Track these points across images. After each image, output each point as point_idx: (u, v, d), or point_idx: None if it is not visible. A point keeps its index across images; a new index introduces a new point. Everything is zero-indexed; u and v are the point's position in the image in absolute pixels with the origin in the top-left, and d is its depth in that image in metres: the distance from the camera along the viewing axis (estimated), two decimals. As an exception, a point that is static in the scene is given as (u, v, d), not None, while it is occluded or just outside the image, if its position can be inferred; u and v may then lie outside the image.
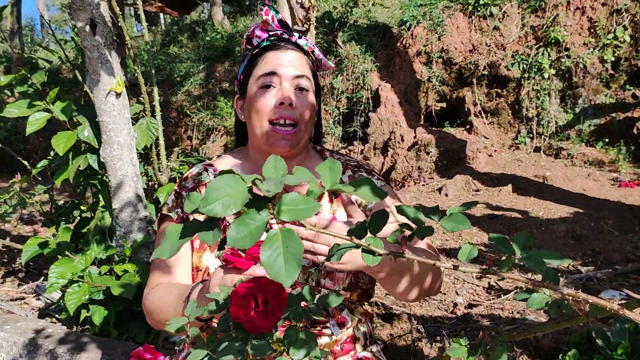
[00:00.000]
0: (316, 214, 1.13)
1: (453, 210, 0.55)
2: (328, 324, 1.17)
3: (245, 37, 1.30)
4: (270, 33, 1.25)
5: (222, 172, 0.47)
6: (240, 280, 0.76)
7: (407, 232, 0.58)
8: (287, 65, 1.20)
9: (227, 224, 1.18)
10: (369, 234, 0.55)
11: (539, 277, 0.66)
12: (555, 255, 0.58)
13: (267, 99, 1.19)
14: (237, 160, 1.32)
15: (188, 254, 1.21)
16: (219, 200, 0.44)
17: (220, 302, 0.71)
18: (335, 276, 1.17)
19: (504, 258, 0.58)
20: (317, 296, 0.74)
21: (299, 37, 1.25)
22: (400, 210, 0.56)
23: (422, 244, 1.21)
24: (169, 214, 1.25)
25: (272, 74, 1.19)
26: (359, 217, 1.03)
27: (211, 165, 1.31)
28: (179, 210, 1.25)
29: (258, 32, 1.27)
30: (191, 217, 1.18)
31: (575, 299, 0.56)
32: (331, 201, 1.26)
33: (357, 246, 0.53)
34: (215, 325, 1.19)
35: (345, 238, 0.55)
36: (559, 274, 2.87)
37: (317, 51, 1.27)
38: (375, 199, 0.50)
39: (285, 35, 1.25)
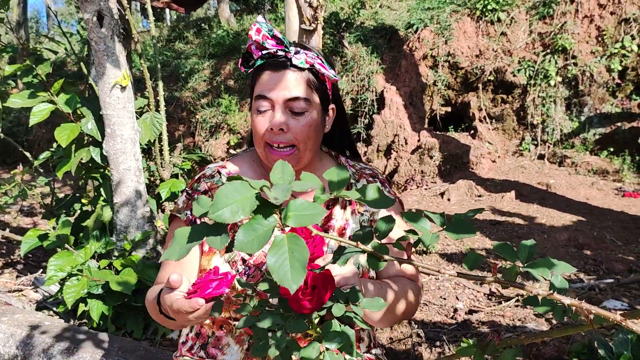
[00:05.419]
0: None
1: (459, 217, 0.54)
2: None
3: (242, 53, 1.23)
4: (264, 52, 1.18)
5: (231, 178, 0.46)
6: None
7: (413, 239, 0.57)
8: (280, 88, 1.15)
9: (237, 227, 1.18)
10: (374, 240, 0.54)
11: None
12: (560, 264, 0.57)
13: (262, 123, 1.16)
14: (248, 162, 1.31)
15: (196, 255, 1.21)
16: (228, 206, 0.44)
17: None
18: None
19: (508, 266, 0.57)
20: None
21: (296, 53, 1.17)
22: (407, 217, 0.55)
23: (408, 268, 1.22)
24: (178, 214, 1.24)
25: (264, 97, 1.15)
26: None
27: (224, 167, 1.29)
28: (189, 212, 1.24)
29: (254, 49, 1.19)
30: (199, 221, 1.18)
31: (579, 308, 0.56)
32: (344, 208, 1.25)
33: (363, 251, 0.52)
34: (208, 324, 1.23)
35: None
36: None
37: (317, 65, 1.18)
38: (380, 207, 0.49)
39: (281, 53, 1.17)
